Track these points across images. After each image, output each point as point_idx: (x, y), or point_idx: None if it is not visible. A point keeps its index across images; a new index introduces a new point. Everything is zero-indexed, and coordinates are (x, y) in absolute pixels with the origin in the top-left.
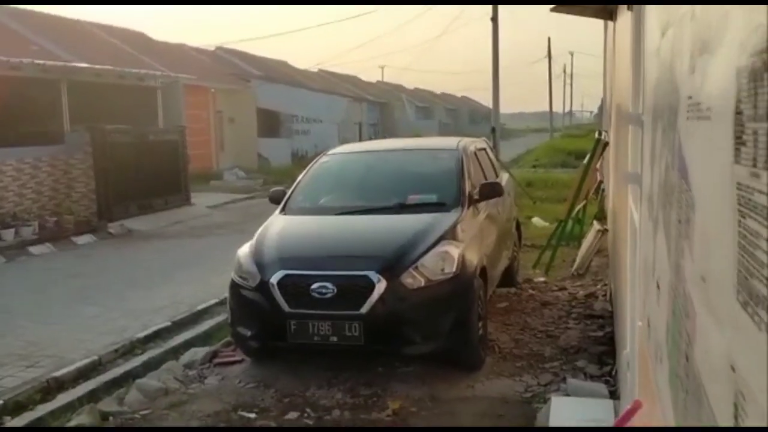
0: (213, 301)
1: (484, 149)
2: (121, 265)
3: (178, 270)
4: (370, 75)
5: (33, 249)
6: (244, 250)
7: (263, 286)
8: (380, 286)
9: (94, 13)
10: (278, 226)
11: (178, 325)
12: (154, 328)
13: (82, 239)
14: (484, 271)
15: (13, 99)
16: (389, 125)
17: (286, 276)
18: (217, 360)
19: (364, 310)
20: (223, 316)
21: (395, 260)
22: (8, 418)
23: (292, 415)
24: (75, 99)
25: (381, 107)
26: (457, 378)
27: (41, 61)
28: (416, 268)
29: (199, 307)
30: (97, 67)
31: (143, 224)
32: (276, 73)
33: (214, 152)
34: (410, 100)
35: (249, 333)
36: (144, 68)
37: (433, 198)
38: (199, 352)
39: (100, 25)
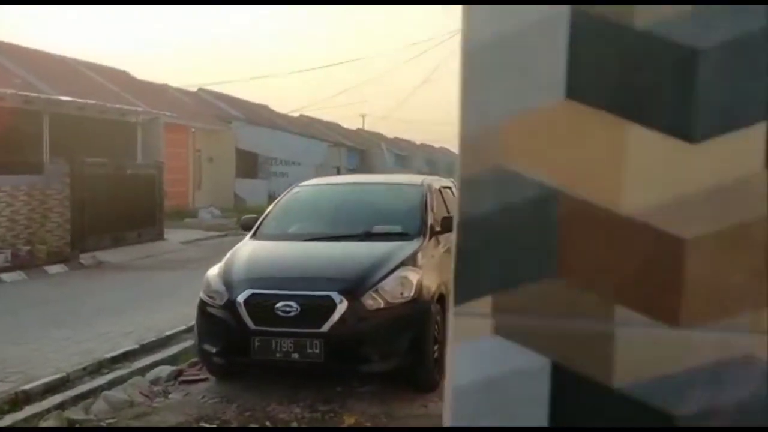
0: (181, 328)
1: (449, 188)
2: (91, 294)
3: (147, 300)
4: (351, 122)
5: (4, 276)
6: (213, 271)
7: (230, 305)
8: (341, 307)
9: (79, 50)
10: (248, 249)
11: (146, 349)
12: (122, 350)
13: (54, 269)
14: (442, 298)
15: None
16: (368, 171)
17: (253, 295)
18: (182, 378)
19: (325, 328)
20: (189, 342)
21: (357, 283)
22: None
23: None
24: (56, 131)
25: (361, 154)
26: (412, 398)
27: (24, 93)
28: (376, 290)
29: (167, 333)
30: (79, 101)
31: (115, 256)
32: (257, 115)
33: (191, 190)
34: (389, 149)
35: (214, 350)
36: (126, 105)
37: (397, 228)
38: (165, 370)
39: (85, 62)
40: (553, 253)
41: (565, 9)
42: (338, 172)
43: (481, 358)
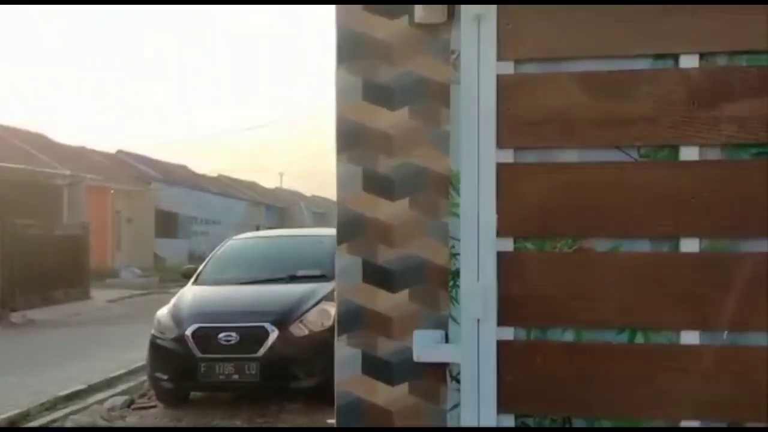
0: (123, 371)
1: None
2: (29, 348)
3: (83, 351)
4: (269, 181)
5: None
6: (163, 311)
7: (179, 338)
8: (273, 335)
9: None
10: (191, 293)
11: (93, 388)
12: (73, 389)
13: None
14: None
15: None
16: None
17: (199, 328)
18: (134, 406)
19: (260, 353)
20: (131, 382)
21: (286, 315)
22: None
23: None
24: None
25: (280, 211)
26: (333, 412)
27: None
28: (302, 321)
29: (111, 375)
30: (10, 165)
31: (45, 314)
32: (176, 176)
33: (110, 251)
34: (308, 207)
35: (165, 376)
36: (44, 167)
37: (316, 272)
38: (118, 400)
39: (1, 125)
40: None
41: None
42: (258, 230)
43: None
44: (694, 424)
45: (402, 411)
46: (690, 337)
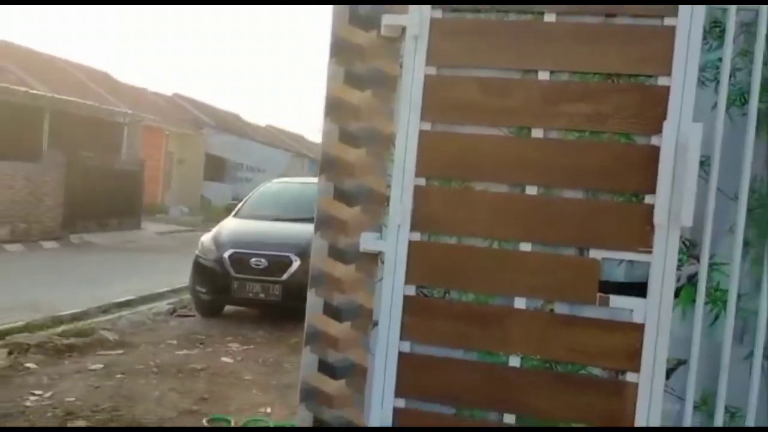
0: (167, 289)
1: None
2: (87, 265)
3: (134, 272)
4: (315, 136)
5: (8, 246)
6: (207, 236)
7: (218, 259)
8: (296, 263)
9: (66, 50)
10: (231, 223)
11: (143, 299)
12: (126, 298)
13: (48, 245)
14: None
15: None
16: None
17: (235, 252)
18: (176, 314)
19: (284, 277)
20: (176, 298)
21: (307, 248)
22: (28, 333)
23: (229, 339)
24: (53, 126)
25: None
26: None
27: (33, 91)
28: None
29: (158, 291)
30: (78, 101)
31: (101, 239)
32: (227, 123)
33: (161, 189)
34: None
35: (204, 290)
36: (108, 105)
37: None
38: (163, 307)
39: (70, 62)
40: None
41: None
42: None
43: None
44: (523, 300)
45: (350, 282)
46: (525, 246)
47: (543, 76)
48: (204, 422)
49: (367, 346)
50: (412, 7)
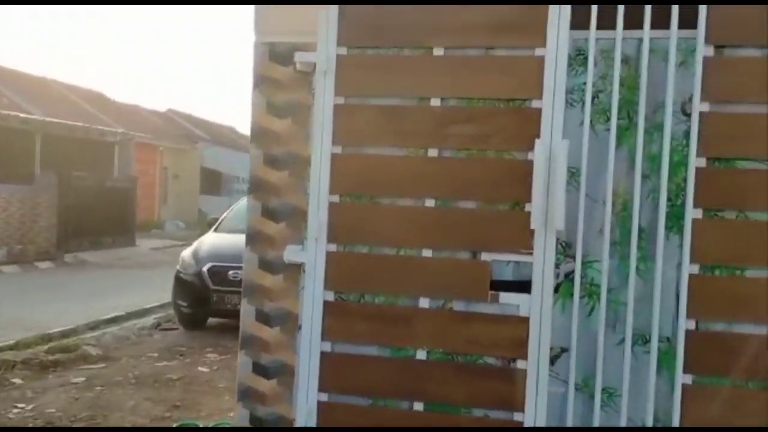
0: (156, 304)
1: None
2: (80, 283)
3: (126, 288)
4: None
5: (4, 268)
6: (187, 252)
7: (197, 273)
8: None
9: (58, 72)
10: (210, 238)
11: (131, 315)
12: (115, 314)
13: (43, 265)
14: None
15: None
16: None
17: (213, 266)
18: (160, 327)
19: None
20: (163, 313)
21: None
22: (16, 351)
23: (209, 349)
24: (45, 148)
25: None
26: None
27: (24, 115)
28: None
29: (146, 306)
30: (68, 122)
31: (94, 257)
32: (222, 136)
33: (158, 204)
34: None
35: (185, 304)
36: (101, 125)
37: None
38: (148, 322)
39: (63, 83)
40: None
41: None
42: None
43: None
44: (427, 300)
45: (278, 290)
46: (426, 252)
47: (435, 102)
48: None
49: (294, 348)
50: (320, 46)
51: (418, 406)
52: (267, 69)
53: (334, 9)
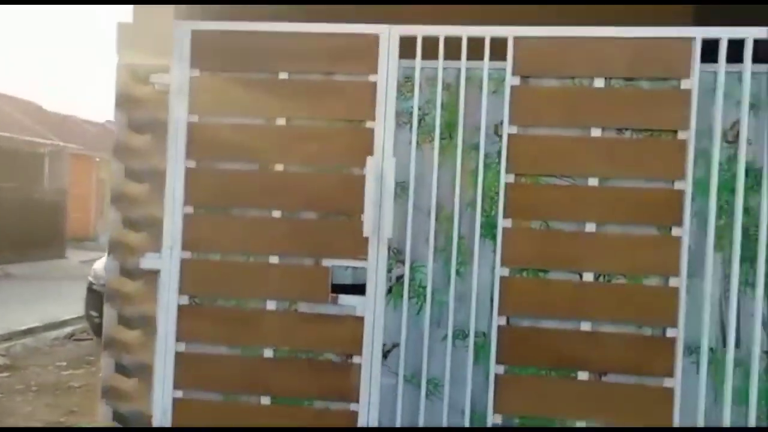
0: (75, 316)
1: None
2: (3, 295)
3: (48, 300)
4: None
5: None
6: (98, 263)
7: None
8: None
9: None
10: None
11: (48, 326)
12: (31, 326)
13: None
14: None
15: None
16: None
17: None
18: (74, 338)
19: None
20: (80, 324)
21: None
22: None
23: None
24: None
25: None
26: None
27: None
28: None
29: (64, 318)
30: None
31: (21, 270)
32: None
33: (93, 217)
34: None
35: (96, 314)
36: (35, 136)
37: None
38: (62, 332)
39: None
40: None
41: None
42: None
43: None
44: (273, 302)
45: (139, 296)
46: (273, 259)
47: (281, 122)
48: None
49: (153, 349)
50: (174, 68)
51: (266, 400)
52: (128, 89)
53: (188, 33)
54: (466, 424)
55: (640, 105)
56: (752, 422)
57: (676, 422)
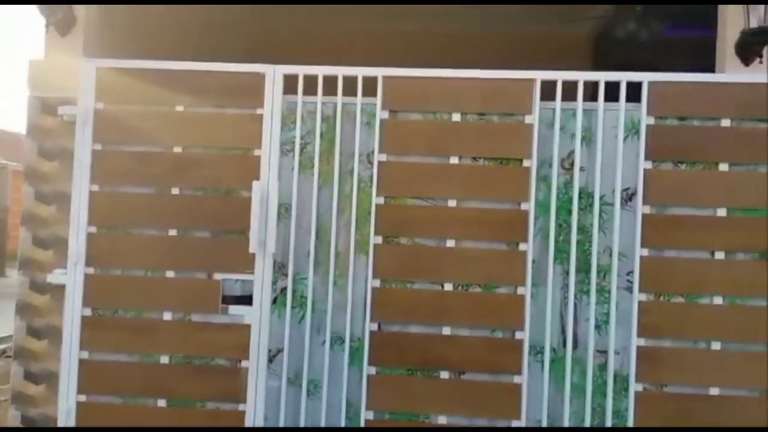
0: (9, 333)
1: None
2: None
3: None
4: None
5: None
6: None
7: None
8: None
9: None
10: None
11: None
12: None
13: None
14: None
15: None
16: None
17: None
18: (5, 355)
19: None
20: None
21: None
22: None
23: None
24: None
25: None
26: None
27: None
28: None
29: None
30: None
31: None
32: None
33: None
34: None
35: None
36: None
37: None
38: None
39: None
40: None
41: None
42: None
43: None
44: (170, 313)
45: (47, 308)
46: (169, 273)
47: (177, 149)
48: None
49: (59, 357)
50: (80, 100)
51: (162, 403)
52: (38, 119)
53: (93, 70)
54: (342, 421)
55: (491, 137)
56: (588, 412)
57: (524, 413)
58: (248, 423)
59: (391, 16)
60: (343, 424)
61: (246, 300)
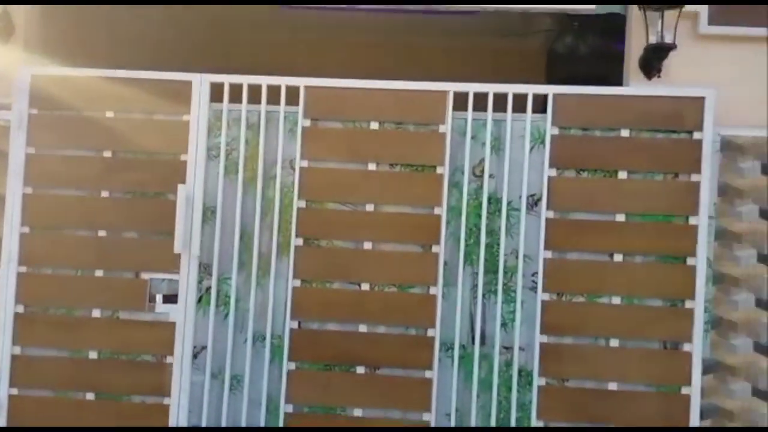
0: None
1: None
2: None
3: None
4: None
5: None
6: None
7: None
8: None
9: None
10: None
11: None
12: None
13: None
14: None
15: None
16: None
17: None
18: None
19: None
20: None
21: None
22: None
23: None
24: None
25: None
26: None
27: None
28: None
29: None
30: None
31: None
32: None
33: None
34: None
35: None
36: None
37: None
38: None
39: None
40: None
41: None
42: None
43: None
44: (99, 310)
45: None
46: (99, 272)
47: (107, 154)
48: None
49: None
50: (14, 106)
51: (90, 396)
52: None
53: (28, 77)
54: (263, 415)
55: (406, 144)
56: (494, 405)
57: (434, 405)
58: (173, 416)
59: (350, 29)
60: (263, 418)
61: (171, 298)
